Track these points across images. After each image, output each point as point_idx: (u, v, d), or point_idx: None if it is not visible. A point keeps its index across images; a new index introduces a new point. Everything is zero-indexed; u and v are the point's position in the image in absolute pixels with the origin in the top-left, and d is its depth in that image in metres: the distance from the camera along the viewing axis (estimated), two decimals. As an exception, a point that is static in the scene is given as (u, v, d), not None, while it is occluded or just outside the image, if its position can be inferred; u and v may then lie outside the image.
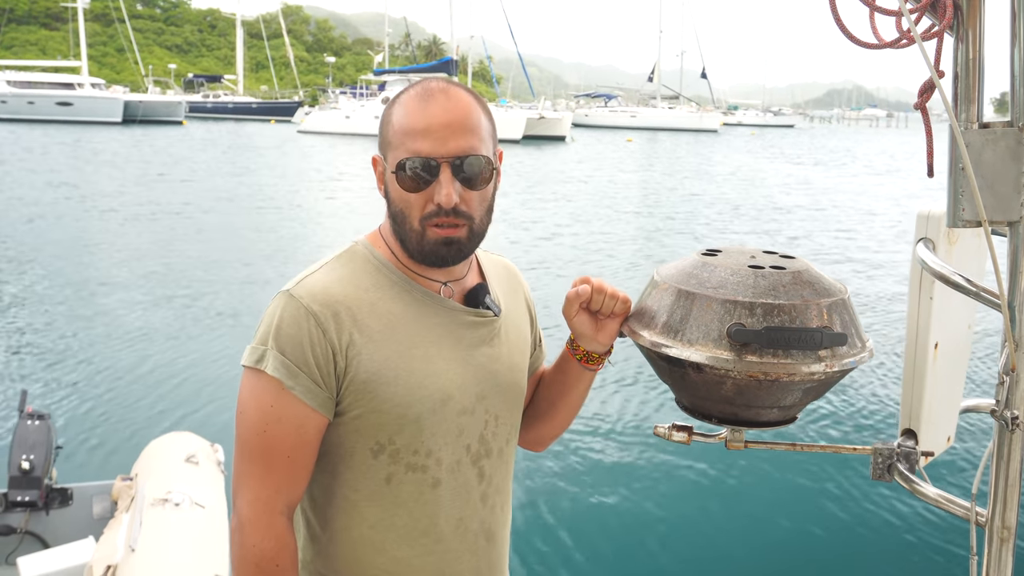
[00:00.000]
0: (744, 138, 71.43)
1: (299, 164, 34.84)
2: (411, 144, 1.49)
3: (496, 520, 1.69)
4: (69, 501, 4.35)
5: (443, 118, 1.49)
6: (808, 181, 32.47)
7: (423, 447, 1.54)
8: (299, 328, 1.47)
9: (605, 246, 16.48)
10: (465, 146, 1.49)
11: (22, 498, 4.17)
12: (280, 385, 1.46)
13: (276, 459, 1.48)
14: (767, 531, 5.59)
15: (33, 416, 4.39)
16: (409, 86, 1.59)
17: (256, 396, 1.48)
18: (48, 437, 4.33)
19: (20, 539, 4.24)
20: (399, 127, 1.51)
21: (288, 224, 18.54)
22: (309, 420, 1.49)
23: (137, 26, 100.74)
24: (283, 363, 1.46)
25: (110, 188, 23.70)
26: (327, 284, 1.52)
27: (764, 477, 6.18)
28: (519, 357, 1.71)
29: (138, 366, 8.40)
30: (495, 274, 1.76)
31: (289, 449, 1.48)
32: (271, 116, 77.85)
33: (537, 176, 30.89)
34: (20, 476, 4.20)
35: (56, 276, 12.50)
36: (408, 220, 1.52)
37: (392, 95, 1.87)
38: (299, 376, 1.47)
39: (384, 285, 1.56)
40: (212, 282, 12.34)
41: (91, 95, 62.52)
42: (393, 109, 1.55)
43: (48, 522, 4.32)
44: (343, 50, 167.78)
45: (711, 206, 23.39)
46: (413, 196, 1.50)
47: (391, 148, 1.53)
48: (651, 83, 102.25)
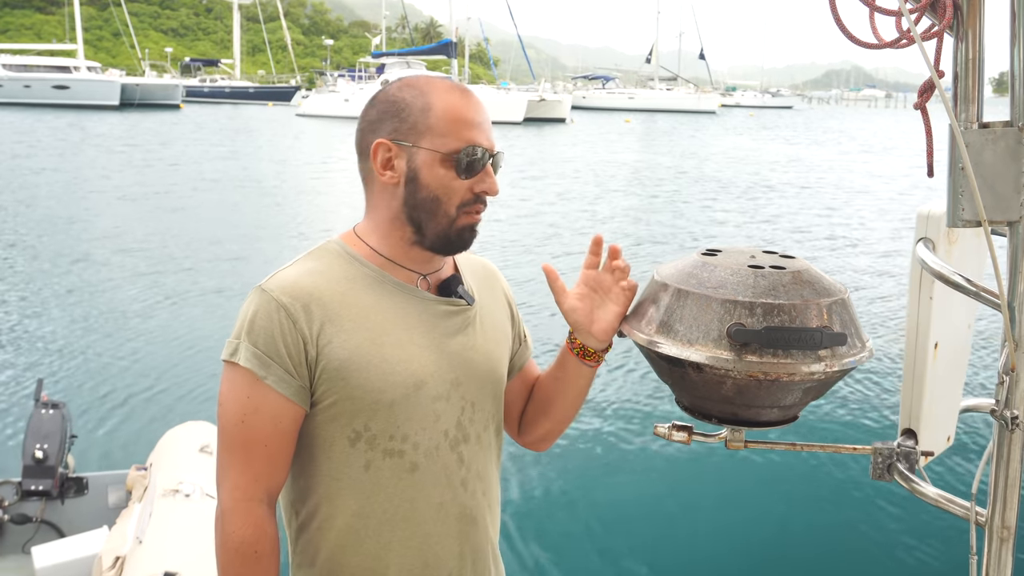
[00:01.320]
0: (742, 119, 71.27)
1: (308, 148, 34.65)
2: (466, 133, 1.56)
3: (478, 505, 1.70)
4: (85, 490, 4.36)
5: (484, 114, 1.60)
6: (807, 161, 32.46)
7: (399, 432, 1.57)
8: (270, 320, 1.52)
9: (604, 228, 16.46)
10: (495, 142, 1.62)
11: (36, 487, 4.19)
12: (254, 376, 1.51)
13: (254, 449, 1.53)
14: (767, 531, 5.59)
15: (48, 405, 4.39)
16: (419, 77, 1.62)
17: (233, 388, 1.53)
18: (62, 426, 4.34)
19: (36, 528, 4.26)
20: (446, 115, 1.56)
21: (310, 212, 18.48)
22: (284, 410, 1.53)
23: (133, 10, 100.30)
24: (255, 354, 1.51)
25: (126, 174, 23.52)
26: (298, 277, 1.57)
27: (764, 477, 6.18)
28: (496, 347, 1.74)
29: (158, 354, 8.38)
30: (470, 270, 1.81)
31: (266, 438, 1.53)
32: (268, 100, 77.63)
33: (542, 157, 30.84)
34: (34, 465, 4.22)
35: (75, 263, 12.43)
36: (444, 206, 1.57)
37: (391, 78, 1.88)
38: (271, 366, 1.51)
39: (356, 277, 1.60)
40: (232, 273, 12.28)
41: (88, 78, 62.20)
42: (424, 97, 1.58)
43: (64, 511, 4.34)
44: (340, 33, 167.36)
45: (724, 188, 23.34)
46: (461, 183, 1.56)
47: (433, 134, 1.56)
48: (649, 64, 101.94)
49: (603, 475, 6.23)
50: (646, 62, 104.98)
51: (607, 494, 5.97)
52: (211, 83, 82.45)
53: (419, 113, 1.57)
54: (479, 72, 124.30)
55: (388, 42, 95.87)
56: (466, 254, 1.82)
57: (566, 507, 5.76)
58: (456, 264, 1.77)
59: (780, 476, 6.19)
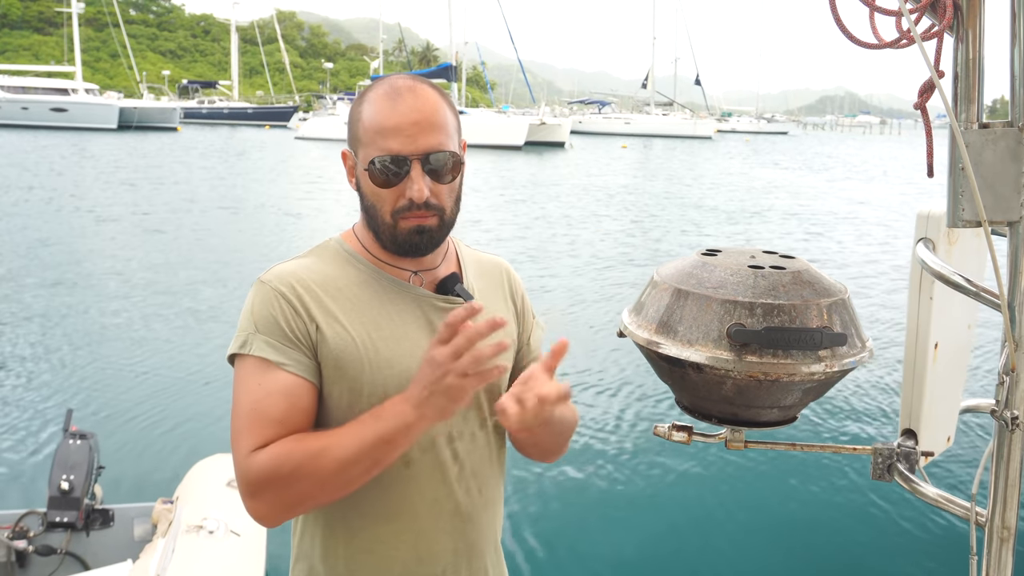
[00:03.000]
0: (739, 145, 71.50)
1: (316, 171, 34.48)
2: (382, 142, 1.54)
3: (474, 502, 1.70)
4: (110, 522, 4.29)
5: (412, 116, 1.55)
6: (807, 188, 32.41)
7: None
8: (271, 308, 1.54)
9: (609, 249, 16.50)
10: (434, 143, 1.55)
11: (60, 519, 4.15)
12: (267, 363, 1.52)
13: (268, 426, 1.49)
14: (767, 531, 5.59)
15: (75, 436, 4.35)
16: (375, 83, 1.64)
17: (244, 379, 1.53)
18: (89, 457, 4.29)
19: (61, 560, 4.20)
20: (369, 125, 1.57)
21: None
22: (302, 389, 1.53)
23: (130, 31, 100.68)
24: (266, 342, 1.53)
25: (146, 199, 23.28)
26: (294, 269, 1.60)
27: (764, 477, 6.19)
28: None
29: (190, 384, 8.26)
30: (478, 269, 1.80)
31: (282, 416, 1.50)
32: (266, 122, 77.80)
33: (547, 184, 30.76)
34: (59, 496, 4.18)
35: (109, 291, 12.28)
36: (380, 214, 1.59)
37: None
38: (284, 350, 1.52)
39: (351, 273, 1.63)
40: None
41: (86, 101, 62.31)
42: (362, 106, 1.60)
43: (89, 543, 4.28)
44: (337, 56, 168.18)
45: (732, 217, 23.33)
46: (385, 191, 1.56)
47: (362, 145, 1.59)
48: (645, 89, 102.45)
49: (602, 475, 6.22)
50: (642, 87, 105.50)
51: (606, 494, 5.97)
52: (209, 105, 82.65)
53: (355, 123, 1.61)
54: (476, 96, 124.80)
55: (386, 65, 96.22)
56: (481, 252, 1.85)
57: (565, 507, 5.76)
58: (460, 262, 1.78)
59: (780, 476, 6.19)
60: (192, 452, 6.18)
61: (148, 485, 5.93)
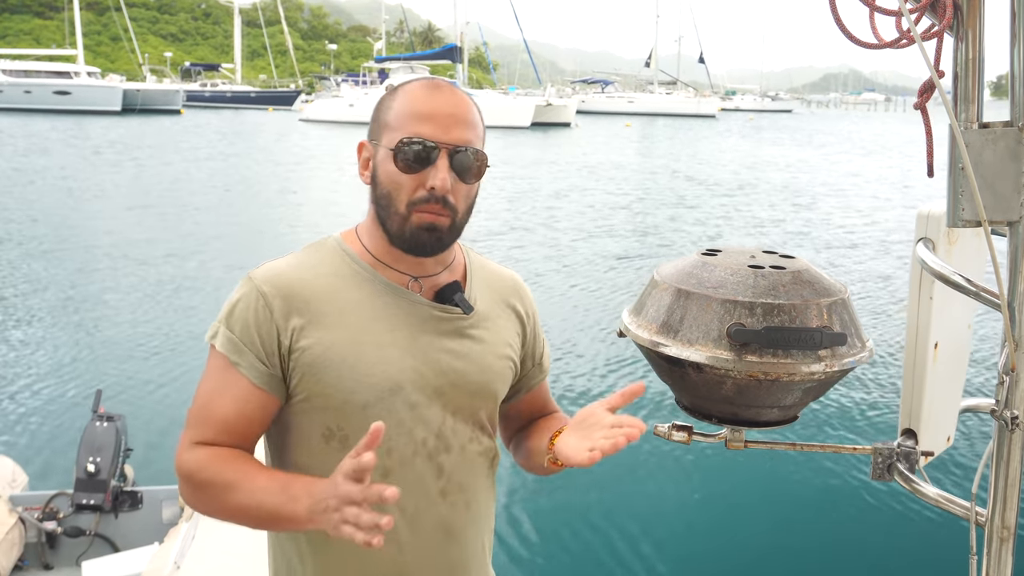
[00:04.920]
0: (742, 123, 71.17)
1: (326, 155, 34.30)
2: (413, 126, 1.50)
3: (458, 517, 1.65)
4: (139, 505, 4.32)
5: (447, 108, 1.52)
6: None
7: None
8: (247, 307, 1.52)
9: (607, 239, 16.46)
10: (464, 138, 1.52)
11: (86, 501, 4.19)
12: (226, 360, 1.51)
13: (212, 423, 1.52)
14: (767, 531, 5.59)
15: (103, 417, 4.37)
16: (414, 79, 1.60)
17: (208, 370, 1.55)
18: (116, 439, 4.31)
19: (90, 541, 4.24)
20: (402, 110, 1.53)
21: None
22: (252, 395, 1.51)
23: (131, 15, 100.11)
24: (230, 339, 1.52)
25: (170, 180, 23.23)
26: (284, 269, 1.57)
27: (764, 477, 6.18)
28: (495, 361, 1.67)
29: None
30: (486, 281, 1.73)
31: (227, 416, 1.52)
32: (270, 104, 77.55)
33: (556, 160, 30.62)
34: (85, 479, 4.22)
35: (144, 273, 12.26)
36: (395, 203, 1.53)
37: (395, 82, 1.85)
38: (244, 353, 1.51)
39: (346, 274, 1.58)
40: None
41: (89, 84, 62.15)
42: (396, 96, 1.57)
43: (118, 525, 4.31)
44: (339, 37, 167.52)
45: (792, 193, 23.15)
46: (406, 178, 1.51)
47: (389, 130, 1.54)
48: (648, 68, 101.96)
49: (602, 475, 6.20)
50: (645, 66, 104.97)
51: (606, 494, 5.96)
52: (212, 87, 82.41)
53: (385, 111, 1.57)
54: (479, 76, 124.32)
55: (388, 46, 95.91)
56: (493, 265, 1.78)
57: (564, 507, 5.75)
58: (468, 271, 1.71)
59: (780, 476, 6.19)
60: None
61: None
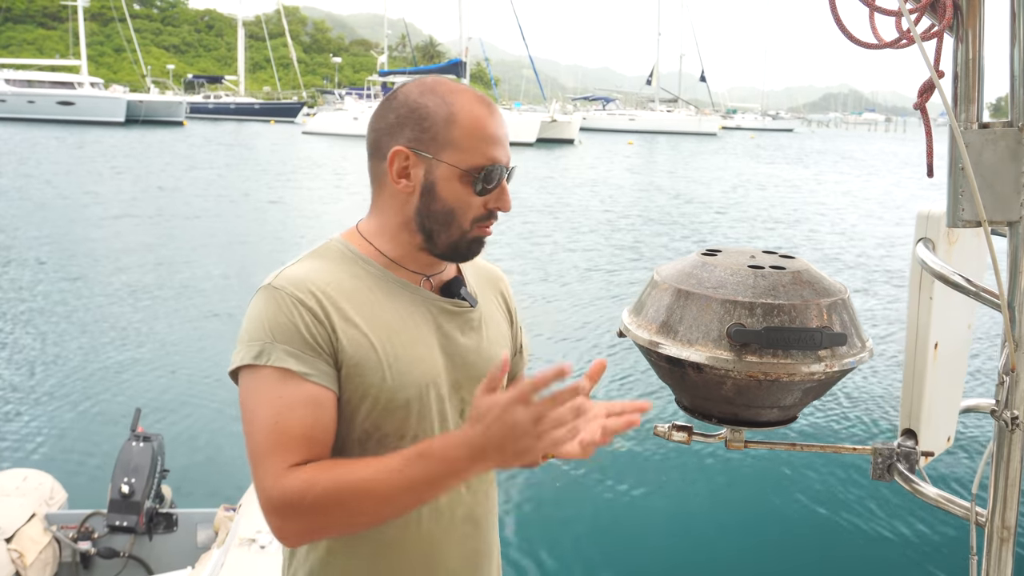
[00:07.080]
0: (743, 141, 71.26)
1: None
2: (489, 150, 1.53)
3: (481, 506, 1.68)
4: (174, 527, 4.24)
5: (503, 129, 1.58)
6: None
7: (409, 432, 1.53)
8: (290, 316, 1.45)
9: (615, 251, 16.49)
10: (510, 156, 1.61)
11: (120, 522, 4.12)
12: (288, 374, 1.43)
13: (293, 444, 1.41)
14: (767, 531, 5.59)
15: (139, 438, 4.30)
16: (441, 82, 1.59)
17: (262, 392, 1.43)
18: (152, 460, 4.24)
19: (124, 563, 4.17)
20: (471, 129, 1.53)
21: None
22: (324, 400, 1.45)
23: (135, 26, 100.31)
24: (287, 352, 1.43)
25: (190, 195, 23.12)
26: (306, 273, 1.52)
27: (764, 477, 6.18)
28: (498, 351, 1.71)
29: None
30: (474, 273, 1.79)
31: (308, 430, 1.43)
32: (272, 117, 77.67)
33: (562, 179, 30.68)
34: (120, 500, 4.14)
35: (188, 294, 12.17)
36: (459, 220, 1.55)
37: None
38: (308, 360, 1.44)
39: (361, 275, 1.57)
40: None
41: (93, 95, 62.24)
42: (446, 106, 1.54)
43: (152, 548, 4.23)
44: (341, 51, 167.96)
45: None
46: (475, 199, 1.54)
47: (455, 149, 1.52)
48: (649, 86, 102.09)
49: (602, 475, 6.21)
50: (647, 83, 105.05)
51: (606, 494, 5.96)
52: (215, 99, 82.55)
53: (442, 124, 1.53)
54: (481, 91, 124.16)
55: (390, 60, 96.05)
56: (477, 259, 1.80)
57: (564, 507, 5.75)
58: (459, 266, 1.74)
59: (780, 476, 6.18)
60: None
61: (218, 490, 5.78)
